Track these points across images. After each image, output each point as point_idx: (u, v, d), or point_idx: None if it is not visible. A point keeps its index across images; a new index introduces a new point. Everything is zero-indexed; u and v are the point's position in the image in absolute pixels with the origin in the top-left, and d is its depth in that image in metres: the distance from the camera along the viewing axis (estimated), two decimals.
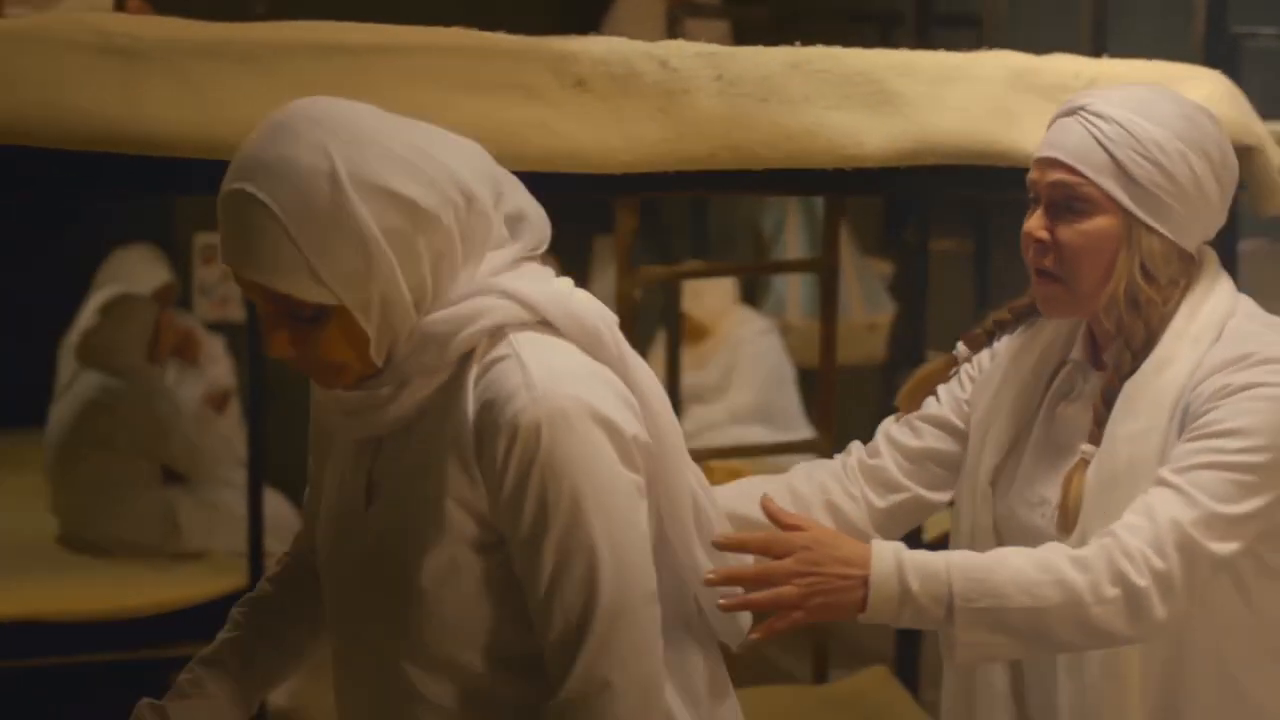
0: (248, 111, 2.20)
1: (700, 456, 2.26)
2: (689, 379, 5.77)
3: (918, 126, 2.52)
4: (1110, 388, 2.09)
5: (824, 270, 4.14)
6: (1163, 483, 1.97)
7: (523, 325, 1.70)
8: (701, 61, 2.45)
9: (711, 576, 1.78)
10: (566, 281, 1.78)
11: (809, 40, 2.61)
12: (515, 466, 1.65)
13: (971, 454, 2.21)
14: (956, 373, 2.28)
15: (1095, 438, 2.08)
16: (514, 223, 1.77)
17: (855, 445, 2.28)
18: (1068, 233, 2.07)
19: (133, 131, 2.19)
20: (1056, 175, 2.07)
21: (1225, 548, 1.96)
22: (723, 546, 1.80)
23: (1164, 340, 2.06)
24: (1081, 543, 1.98)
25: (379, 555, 1.76)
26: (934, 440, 2.25)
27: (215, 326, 6.42)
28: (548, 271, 1.79)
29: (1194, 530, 1.93)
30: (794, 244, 6.71)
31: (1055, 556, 1.93)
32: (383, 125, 1.67)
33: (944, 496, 2.27)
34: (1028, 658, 2.14)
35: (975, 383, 2.24)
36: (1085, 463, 2.07)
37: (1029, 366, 2.20)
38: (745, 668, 3.45)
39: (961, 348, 2.28)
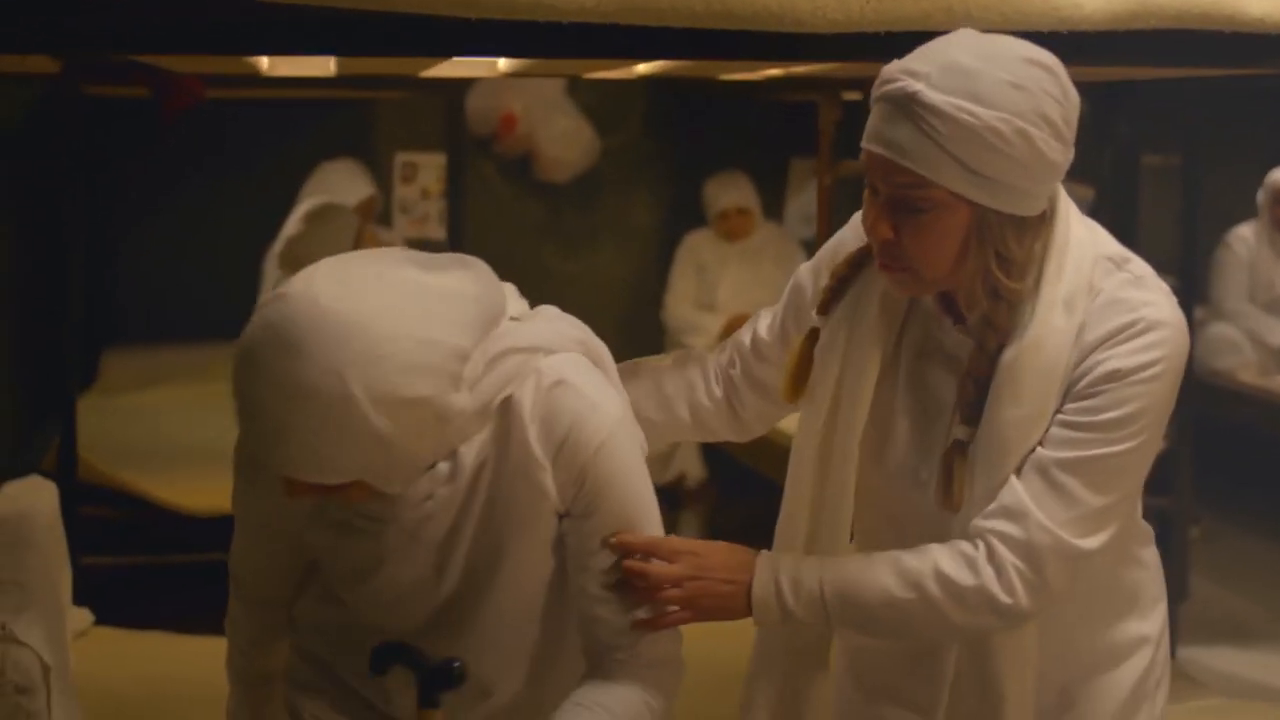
0: None
1: None
2: None
3: None
4: (977, 367, 2.01)
5: None
6: (1042, 471, 1.95)
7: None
8: None
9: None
10: (526, 308, 2.03)
11: None
12: (595, 469, 1.94)
13: (820, 414, 2.13)
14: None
15: (968, 418, 2.01)
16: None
17: (730, 343, 2.33)
18: (914, 234, 1.95)
19: None
20: (895, 177, 1.93)
21: (1098, 540, 1.97)
22: (613, 547, 1.97)
23: (1038, 313, 1.96)
24: (968, 521, 1.99)
25: (476, 588, 1.98)
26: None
27: (414, 243, 6.50)
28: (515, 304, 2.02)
29: (1067, 532, 1.94)
30: None
31: (923, 572, 1.97)
32: (389, 325, 1.76)
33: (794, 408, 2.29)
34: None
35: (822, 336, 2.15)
36: (960, 444, 2.01)
37: (873, 315, 2.09)
38: None
39: (816, 317, 2.18)
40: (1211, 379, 6.18)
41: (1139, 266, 2.02)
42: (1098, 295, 1.97)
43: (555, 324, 2.00)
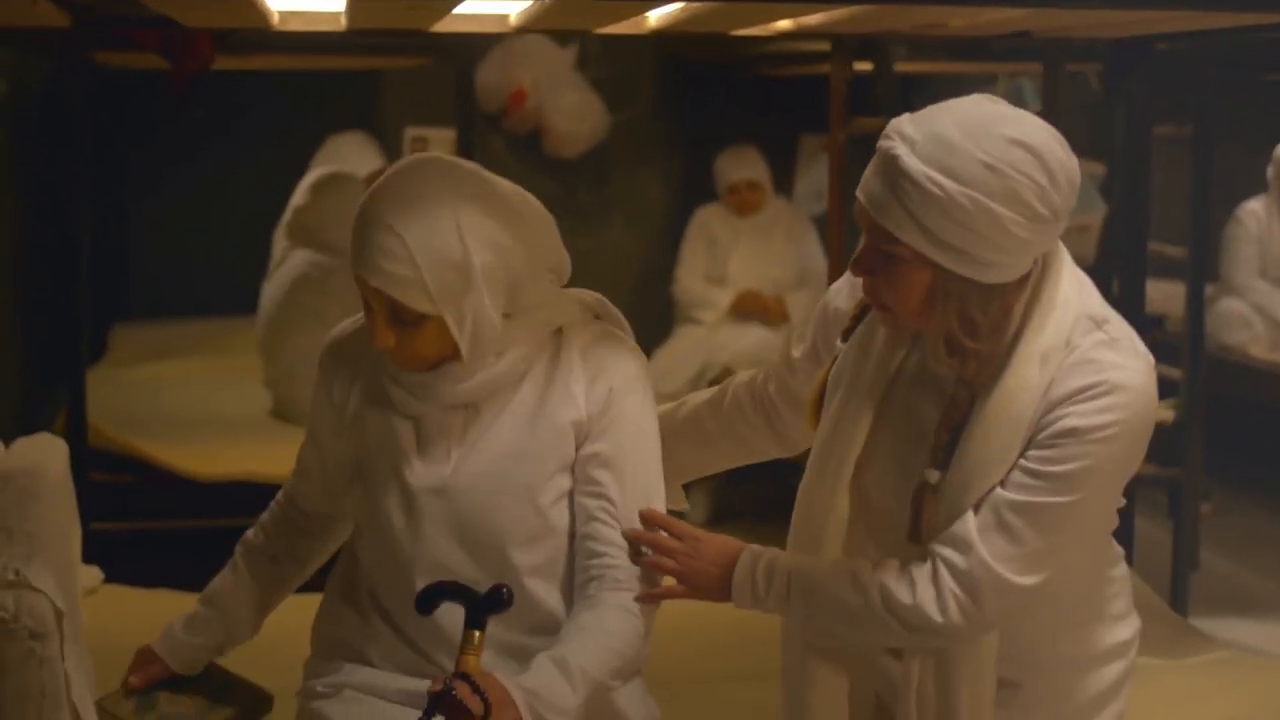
0: None
1: None
2: None
3: None
4: (950, 415, 2.14)
5: None
6: (995, 510, 2.09)
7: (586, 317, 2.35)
8: None
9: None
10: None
11: None
12: (621, 399, 2.27)
13: (825, 431, 2.26)
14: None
15: (940, 462, 2.14)
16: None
17: (767, 365, 2.50)
18: (885, 279, 2.10)
19: None
20: (872, 226, 2.08)
21: (1035, 579, 2.10)
22: (642, 516, 2.26)
23: (1013, 366, 2.09)
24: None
25: (496, 491, 2.24)
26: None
27: None
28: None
29: (1005, 569, 2.08)
30: None
31: (871, 583, 2.15)
32: (488, 190, 2.20)
33: None
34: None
35: (836, 362, 2.30)
36: (930, 486, 2.14)
37: (881, 339, 2.23)
38: None
39: (840, 345, 2.31)
40: (1222, 354, 6.17)
41: (1117, 328, 2.11)
42: (1072, 352, 2.08)
43: (607, 302, 2.39)
